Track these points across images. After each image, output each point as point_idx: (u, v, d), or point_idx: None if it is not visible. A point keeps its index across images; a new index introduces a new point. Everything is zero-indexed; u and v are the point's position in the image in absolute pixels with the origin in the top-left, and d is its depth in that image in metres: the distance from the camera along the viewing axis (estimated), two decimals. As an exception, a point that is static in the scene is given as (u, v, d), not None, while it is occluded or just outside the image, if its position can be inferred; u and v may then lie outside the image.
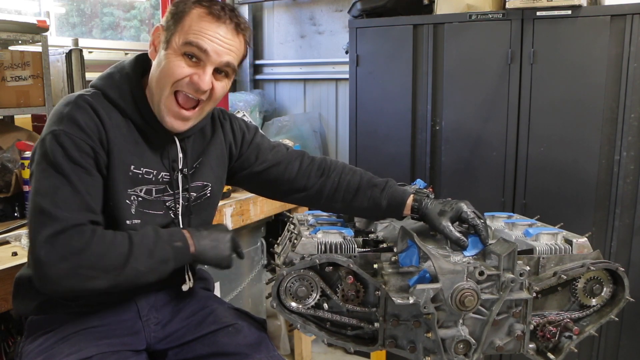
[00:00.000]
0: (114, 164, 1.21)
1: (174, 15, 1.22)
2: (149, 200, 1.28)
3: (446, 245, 1.28)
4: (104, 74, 1.29)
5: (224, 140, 1.45)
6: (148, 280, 1.20)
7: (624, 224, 2.16)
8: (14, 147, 1.99)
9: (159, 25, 1.26)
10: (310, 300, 1.21)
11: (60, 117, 1.17)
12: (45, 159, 1.15)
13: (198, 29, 1.19)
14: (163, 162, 1.30)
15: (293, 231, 1.37)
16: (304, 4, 3.49)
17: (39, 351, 1.24)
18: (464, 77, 2.35)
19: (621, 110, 2.09)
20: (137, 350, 1.31)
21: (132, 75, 1.27)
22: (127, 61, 1.31)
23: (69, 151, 1.14)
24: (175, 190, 1.32)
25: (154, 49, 1.27)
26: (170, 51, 1.21)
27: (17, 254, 1.60)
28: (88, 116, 1.18)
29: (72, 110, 1.17)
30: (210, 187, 1.41)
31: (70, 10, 2.99)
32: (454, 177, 2.44)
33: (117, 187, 1.22)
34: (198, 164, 1.38)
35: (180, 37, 1.20)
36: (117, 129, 1.22)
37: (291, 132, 3.34)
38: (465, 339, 1.16)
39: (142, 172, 1.26)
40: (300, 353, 2.77)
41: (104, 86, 1.25)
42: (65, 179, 1.14)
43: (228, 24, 1.22)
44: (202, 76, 1.20)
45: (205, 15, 1.20)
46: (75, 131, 1.16)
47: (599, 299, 1.27)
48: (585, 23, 2.10)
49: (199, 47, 1.19)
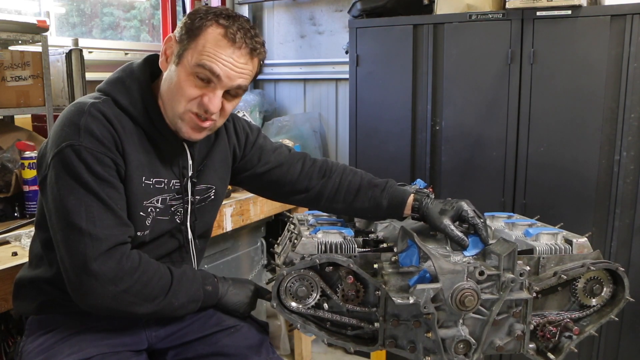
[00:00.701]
0: (129, 175, 1.20)
1: (188, 30, 1.18)
2: (162, 209, 1.29)
3: (446, 245, 1.28)
4: (113, 79, 1.26)
5: (227, 142, 1.45)
6: (175, 315, 1.26)
7: (624, 224, 2.16)
8: (14, 147, 1.99)
9: (171, 36, 1.22)
10: (310, 300, 1.21)
11: (76, 129, 1.14)
12: (68, 174, 1.13)
13: (213, 51, 1.15)
14: (173, 169, 1.30)
15: (293, 231, 1.37)
16: (304, 4, 3.49)
17: (39, 351, 1.24)
18: (464, 77, 2.35)
19: (621, 110, 2.09)
20: (137, 351, 1.31)
21: (142, 80, 1.25)
22: (136, 64, 1.28)
23: (93, 167, 1.13)
24: (185, 196, 1.32)
25: (165, 59, 1.23)
26: (182, 68, 1.18)
27: (17, 254, 1.60)
28: (104, 127, 1.16)
29: (88, 122, 1.15)
30: (215, 189, 1.41)
31: (70, 10, 2.99)
32: (454, 177, 2.44)
33: (131, 198, 1.21)
34: (202, 167, 1.38)
35: (193, 57, 1.16)
36: (129, 137, 1.21)
37: (291, 132, 3.33)
38: (465, 339, 1.16)
39: (152, 183, 1.25)
40: (300, 353, 2.77)
41: (114, 92, 1.23)
42: (95, 196, 1.13)
43: (243, 48, 1.18)
44: (212, 99, 1.18)
45: (221, 38, 1.16)
46: (96, 145, 1.14)
47: (599, 299, 1.27)
48: (585, 23, 2.10)
49: (212, 71, 1.16)
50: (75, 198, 1.13)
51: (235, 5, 3.60)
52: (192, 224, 1.37)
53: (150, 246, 1.29)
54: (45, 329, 1.28)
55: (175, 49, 1.20)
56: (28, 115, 2.45)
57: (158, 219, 1.28)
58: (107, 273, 1.12)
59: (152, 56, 1.30)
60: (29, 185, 1.90)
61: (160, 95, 1.24)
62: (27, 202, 1.91)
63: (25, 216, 1.92)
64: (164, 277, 1.21)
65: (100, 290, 1.12)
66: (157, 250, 1.31)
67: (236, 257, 2.51)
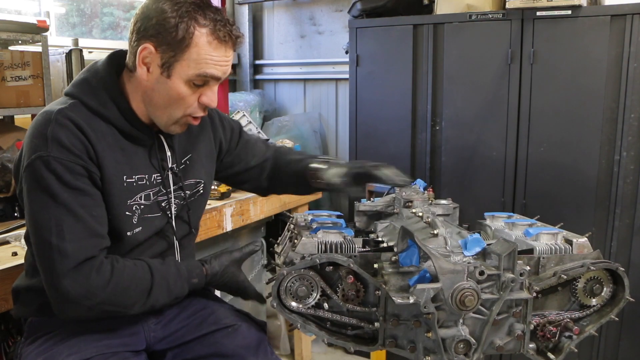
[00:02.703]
0: (108, 178, 1.19)
1: (169, 38, 1.13)
2: (148, 206, 1.28)
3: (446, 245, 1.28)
4: (78, 81, 1.24)
5: (213, 135, 1.45)
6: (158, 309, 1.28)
7: (624, 224, 2.16)
8: (14, 147, 1.99)
9: (147, 45, 1.16)
10: (310, 300, 1.21)
11: (44, 139, 1.12)
12: (38, 187, 1.12)
13: (209, 57, 1.16)
14: (152, 162, 1.28)
15: (293, 231, 1.37)
16: (304, 4, 3.49)
17: (38, 352, 1.24)
18: (464, 77, 2.35)
19: (621, 110, 2.09)
20: (136, 351, 1.31)
21: (108, 79, 1.22)
22: (100, 63, 1.26)
23: (63, 176, 1.12)
24: (168, 189, 1.31)
25: (146, 70, 1.18)
26: (177, 80, 1.17)
27: (17, 254, 1.60)
28: (72, 134, 1.14)
29: (55, 131, 1.12)
30: (203, 183, 1.41)
31: (70, 10, 2.99)
32: (454, 177, 2.44)
33: (114, 200, 1.20)
34: (188, 160, 1.37)
35: (190, 67, 1.15)
36: (102, 139, 1.18)
37: (291, 132, 3.33)
38: (465, 339, 1.16)
39: (134, 180, 1.24)
40: (300, 353, 2.77)
41: (81, 94, 1.20)
42: (65, 208, 1.12)
43: (229, 41, 1.19)
44: (212, 97, 1.21)
45: (212, 41, 1.15)
46: (64, 154, 1.12)
47: (599, 299, 1.27)
48: (585, 23, 2.10)
49: (213, 77, 1.18)
50: (46, 212, 1.12)
51: (235, 5, 3.60)
52: (187, 219, 1.37)
53: (145, 245, 1.29)
54: (44, 331, 1.28)
55: (157, 60, 1.16)
56: (28, 116, 2.45)
57: (148, 217, 1.28)
58: (78, 290, 1.11)
59: (116, 52, 1.29)
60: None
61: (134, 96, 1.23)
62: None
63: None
64: (143, 281, 1.19)
65: (74, 305, 1.13)
66: (150, 249, 1.31)
67: (236, 257, 2.51)
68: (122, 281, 1.16)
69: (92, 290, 1.12)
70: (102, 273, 1.14)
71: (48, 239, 1.11)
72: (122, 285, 1.16)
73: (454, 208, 1.56)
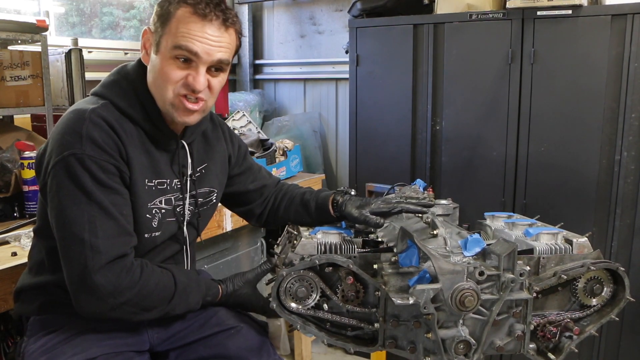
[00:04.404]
0: (134, 179, 1.21)
1: (160, 17, 1.19)
2: (169, 210, 1.30)
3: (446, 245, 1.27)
4: (109, 82, 1.27)
5: (225, 147, 1.47)
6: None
7: (625, 224, 2.15)
8: (14, 147, 1.99)
9: (147, 28, 1.23)
10: (310, 301, 1.21)
11: (77, 136, 1.14)
12: (71, 183, 1.13)
13: (185, 30, 1.15)
14: (173, 168, 1.30)
15: (293, 232, 1.37)
16: (304, 4, 3.48)
17: (41, 351, 1.24)
18: (464, 77, 2.35)
19: (622, 110, 2.09)
20: (140, 351, 1.32)
21: (137, 81, 1.25)
22: (130, 66, 1.28)
23: (97, 175, 1.14)
24: (184, 194, 1.33)
25: (145, 53, 1.24)
26: (161, 55, 1.19)
27: (17, 254, 1.60)
28: (106, 134, 1.16)
29: (90, 129, 1.15)
30: (216, 193, 1.43)
31: (69, 9, 2.99)
32: (454, 177, 2.44)
33: (138, 201, 1.22)
34: (204, 169, 1.39)
35: (168, 41, 1.17)
36: (132, 140, 1.21)
37: (291, 132, 3.33)
38: (465, 339, 1.16)
39: (154, 184, 1.26)
40: (300, 353, 2.76)
41: (112, 95, 1.23)
42: (98, 205, 1.13)
43: (215, 20, 1.17)
44: (196, 77, 1.18)
45: (191, 15, 1.16)
46: (98, 153, 1.14)
47: (600, 299, 1.27)
48: (585, 23, 2.10)
49: (189, 50, 1.16)
50: (78, 208, 1.13)
51: (235, 5, 3.60)
52: (196, 227, 1.38)
53: (159, 248, 1.31)
54: (47, 330, 1.28)
55: (153, 39, 1.21)
56: (27, 115, 2.45)
57: (167, 221, 1.29)
58: (107, 286, 1.12)
59: None
60: (29, 185, 1.89)
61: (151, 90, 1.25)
62: (27, 202, 1.91)
63: (24, 216, 1.92)
64: (167, 288, 1.22)
65: (99, 301, 1.13)
66: (163, 252, 1.33)
67: (236, 257, 2.51)
68: (148, 285, 1.18)
69: (120, 289, 1.13)
70: (132, 274, 1.16)
71: (80, 234, 1.12)
72: (147, 289, 1.18)
73: (454, 208, 1.55)
